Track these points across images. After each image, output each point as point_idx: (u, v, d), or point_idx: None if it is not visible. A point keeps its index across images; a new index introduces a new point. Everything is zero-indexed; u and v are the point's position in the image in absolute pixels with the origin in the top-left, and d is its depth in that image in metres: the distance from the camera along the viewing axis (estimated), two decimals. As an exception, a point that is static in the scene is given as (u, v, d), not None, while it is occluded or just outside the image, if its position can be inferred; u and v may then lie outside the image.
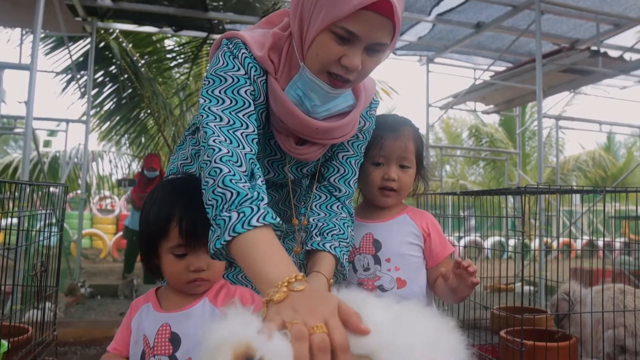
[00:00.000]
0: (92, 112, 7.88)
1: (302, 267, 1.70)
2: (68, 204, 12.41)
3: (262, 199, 1.28)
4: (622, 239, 10.37)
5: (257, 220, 1.21)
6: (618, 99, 9.41)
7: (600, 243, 4.52)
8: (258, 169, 1.38)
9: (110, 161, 10.79)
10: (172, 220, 1.46)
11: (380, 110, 2.00)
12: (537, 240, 4.05)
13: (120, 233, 11.67)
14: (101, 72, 7.63)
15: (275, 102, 1.55)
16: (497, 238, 10.41)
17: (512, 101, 8.44)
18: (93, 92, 7.73)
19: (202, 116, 1.42)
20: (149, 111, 7.95)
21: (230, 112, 1.43)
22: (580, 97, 14.62)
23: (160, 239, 1.49)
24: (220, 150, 1.33)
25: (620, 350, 2.38)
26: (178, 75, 8.66)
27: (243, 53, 1.51)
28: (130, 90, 7.71)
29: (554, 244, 8.12)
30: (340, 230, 1.69)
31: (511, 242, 8.27)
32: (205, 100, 1.44)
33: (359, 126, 1.76)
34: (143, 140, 8.85)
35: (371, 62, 1.45)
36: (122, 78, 7.20)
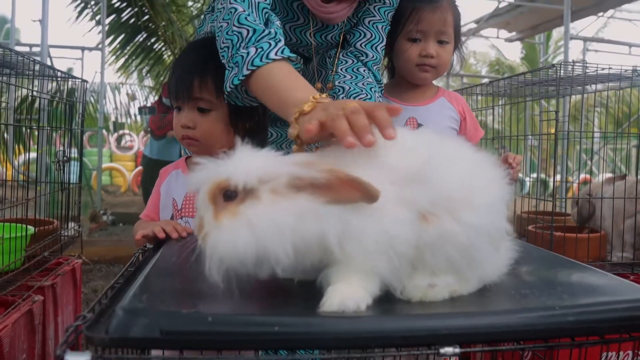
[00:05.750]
0: (107, 40, 7.76)
1: None
2: (86, 141, 12.47)
3: (280, 40, 1.26)
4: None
5: (276, 54, 1.21)
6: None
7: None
8: (274, 17, 1.36)
9: (127, 93, 10.73)
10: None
11: None
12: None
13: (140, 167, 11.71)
14: (116, -1, 7.47)
15: None
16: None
17: (538, 27, 8.14)
18: (108, 20, 7.58)
19: None
20: (163, 40, 7.80)
21: None
22: (607, 30, 14.08)
23: None
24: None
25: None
26: (192, 3, 8.47)
27: None
28: (146, 18, 7.57)
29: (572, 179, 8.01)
30: (367, 95, 1.66)
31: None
32: None
33: None
34: (160, 71, 8.76)
35: None
36: (138, 3, 7.04)
